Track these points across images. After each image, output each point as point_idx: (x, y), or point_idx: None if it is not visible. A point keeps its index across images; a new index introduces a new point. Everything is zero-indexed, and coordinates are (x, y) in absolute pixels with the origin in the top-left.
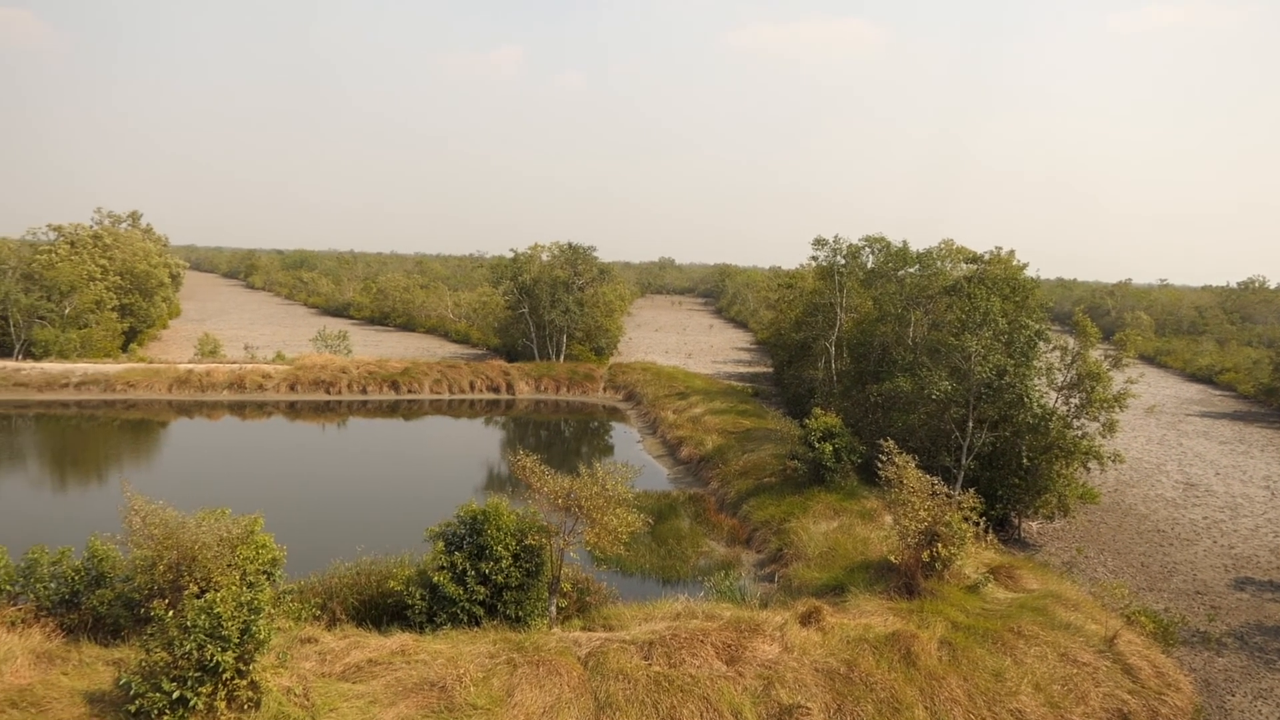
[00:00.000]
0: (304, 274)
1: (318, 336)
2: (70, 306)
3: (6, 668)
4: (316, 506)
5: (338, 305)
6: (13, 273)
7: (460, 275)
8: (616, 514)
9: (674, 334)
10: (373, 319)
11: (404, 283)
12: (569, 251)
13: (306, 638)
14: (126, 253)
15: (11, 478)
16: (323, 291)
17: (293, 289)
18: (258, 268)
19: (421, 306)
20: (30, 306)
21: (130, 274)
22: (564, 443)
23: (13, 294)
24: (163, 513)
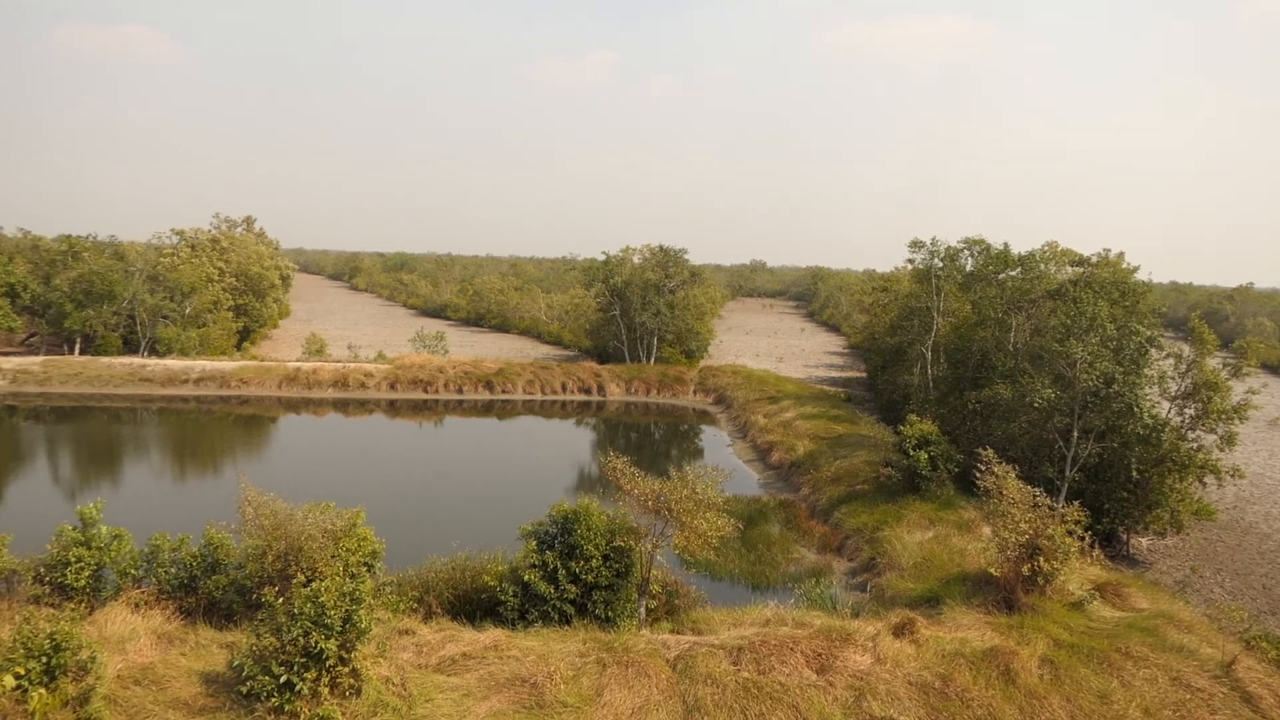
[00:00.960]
0: (404, 276)
1: (416, 337)
2: (190, 307)
3: (131, 647)
4: (414, 502)
5: (435, 306)
6: (140, 274)
7: (553, 277)
8: (706, 518)
9: (765, 337)
10: (469, 320)
11: (499, 285)
12: (660, 254)
13: (404, 629)
14: (241, 255)
15: (136, 468)
16: (421, 293)
17: (393, 290)
18: (361, 270)
19: (515, 308)
20: (155, 306)
21: (245, 276)
22: (654, 445)
23: (140, 294)
24: (273, 504)
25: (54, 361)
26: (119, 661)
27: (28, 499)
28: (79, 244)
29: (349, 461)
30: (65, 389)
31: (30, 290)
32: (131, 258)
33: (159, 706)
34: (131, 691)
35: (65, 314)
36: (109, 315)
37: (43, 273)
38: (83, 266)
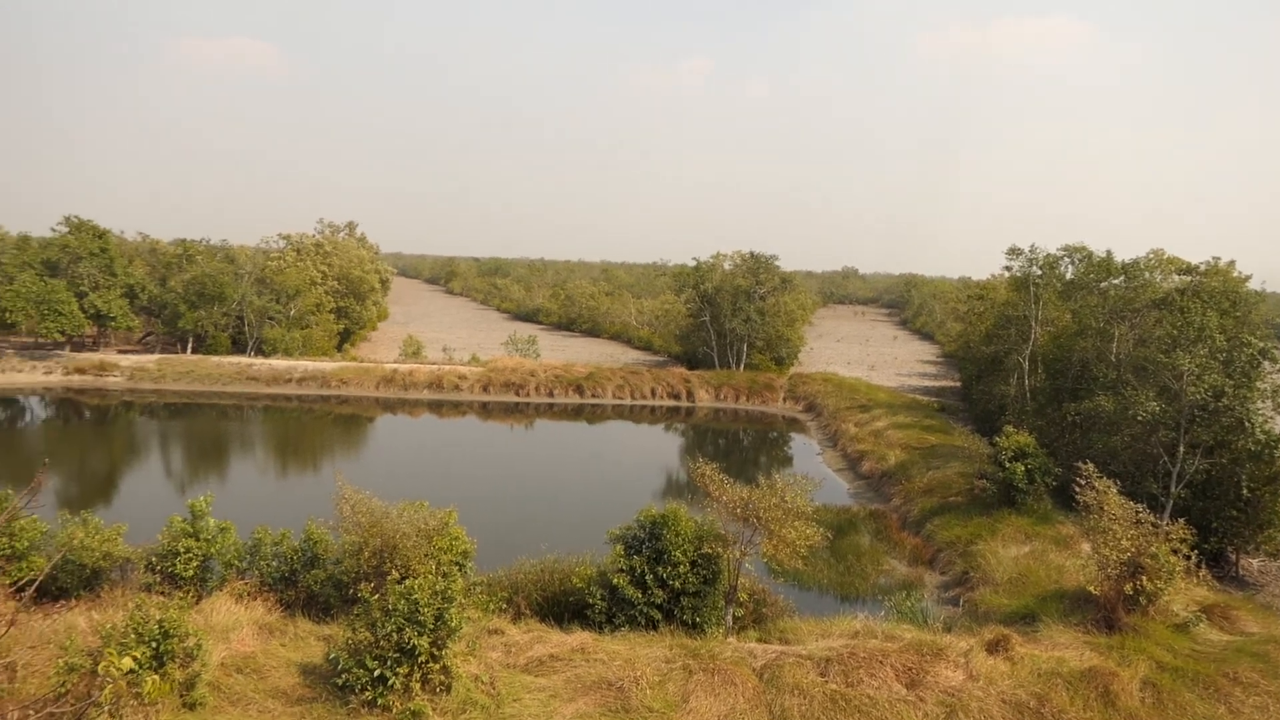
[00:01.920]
0: (498, 280)
1: (509, 340)
2: (295, 309)
3: (234, 636)
4: (504, 503)
5: (528, 310)
6: (248, 277)
7: (644, 283)
8: (795, 527)
9: (856, 345)
10: (560, 324)
11: (590, 290)
12: (751, 260)
13: (493, 629)
14: (343, 260)
15: (241, 463)
16: (514, 297)
17: (487, 294)
18: (456, 274)
19: (606, 313)
20: (262, 308)
21: (346, 279)
22: (742, 452)
23: (248, 296)
24: (369, 502)
25: (168, 359)
26: (223, 650)
27: (142, 490)
28: (193, 247)
29: (442, 462)
30: (177, 386)
31: (148, 291)
32: (241, 261)
33: (259, 695)
34: (234, 679)
35: (179, 314)
36: (219, 316)
37: (159, 275)
38: (196, 269)
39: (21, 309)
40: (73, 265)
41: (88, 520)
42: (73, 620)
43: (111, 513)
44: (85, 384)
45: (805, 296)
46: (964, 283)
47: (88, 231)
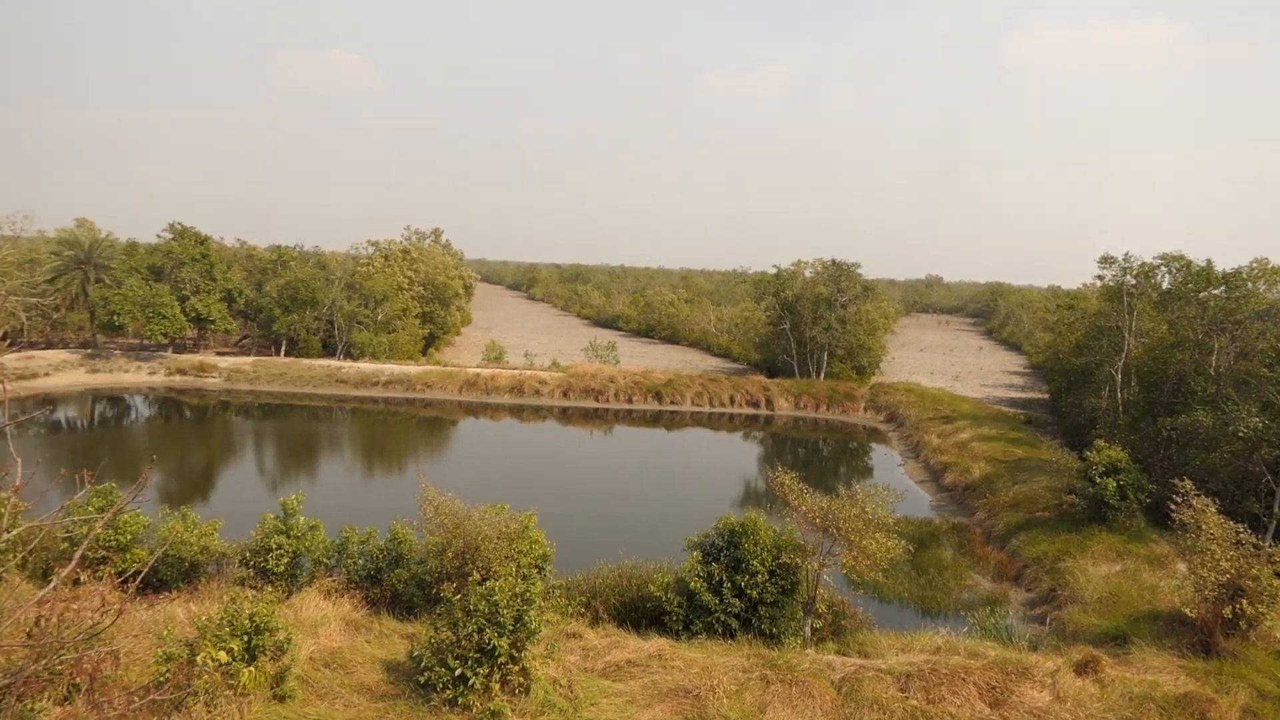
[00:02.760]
0: (578, 287)
1: (589, 346)
2: (382, 313)
3: (322, 631)
4: (582, 508)
5: (608, 317)
6: (339, 282)
7: (723, 290)
8: (876, 538)
9: (940, 355)
10: (639, 331)
11: (669, 297)
12: (832, 268)
13: (571, 632)
14: (429, 265)
15: (330, 463)
16: (594, 304)
17: (568, 301)
18: (538, 280)
19: (685, 320)
20: (351, 312)
21: (431, 285)
22: (821, 462)
23: (338, 301)
24: (452, 504)
25: (262, 362)
26: (311, 644)
27: (237, 487)
28: (287, 253)
29: (522, 465)
30: (271, 387)
31: (245, 296)
32: (332, 267)
33: (345, 690)
34: (321, 673)
35: (274, 318)
36: (311, 320)
37: (256, 280)
38: (290, 274)
39: (129, 312)
40: (176, 270)
41: (186, 515)
42: (172, 611)
43: (209, 508)
44: (186, 384)
45: (887, 305)
46: (1053, 292)
47: (190, 238)
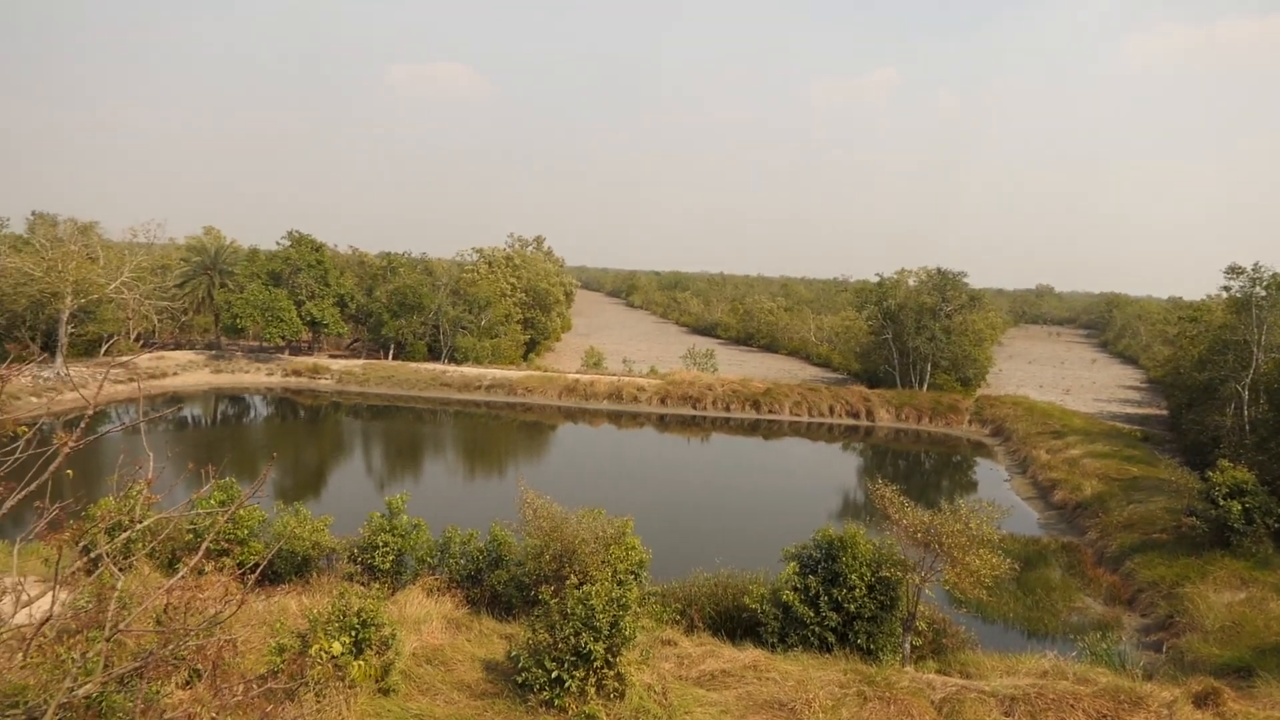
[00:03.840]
0: (677, 294)
1: (687, 354)
2: (485, 319)
3: (424, 628)
4: (678, 515)
5: (706, 324)
6: (444, 288)
7: (824, 299)
8: (980, 555)
9: (1050, 367)
10: (738, 339)
11: (769, 305)
12: (937, 277)
13: (667, 639)
14: (531, 272)
15: (433, 464)
16: (692, 311)
17: (666, 308)
18: (637, 287)
19: (784, 328)
20: (455, 318)
21: (533, 291)
22: (923, 475)
23: (444, 306)
24: (550, 507)
25: (372, 365)
26: (414, 641)
27: (345, 485)
28: (397, 260)
29: (619, 471)
30: (379, 389)
31: (356, 301)
32: (438, 273)
33: (446, 686)
34: (424, 670)
35: (383, 322)
36: (417, 324)
37: (366, 285)
38: (399, 280)
39: (249, 315)
40: (293, 276)
41: (299, 511)
42: (285, 603)
43: (319, 505)
44: (300, 385)
45: (995, 315)
46: (1174, 303)
47: (306, 245)
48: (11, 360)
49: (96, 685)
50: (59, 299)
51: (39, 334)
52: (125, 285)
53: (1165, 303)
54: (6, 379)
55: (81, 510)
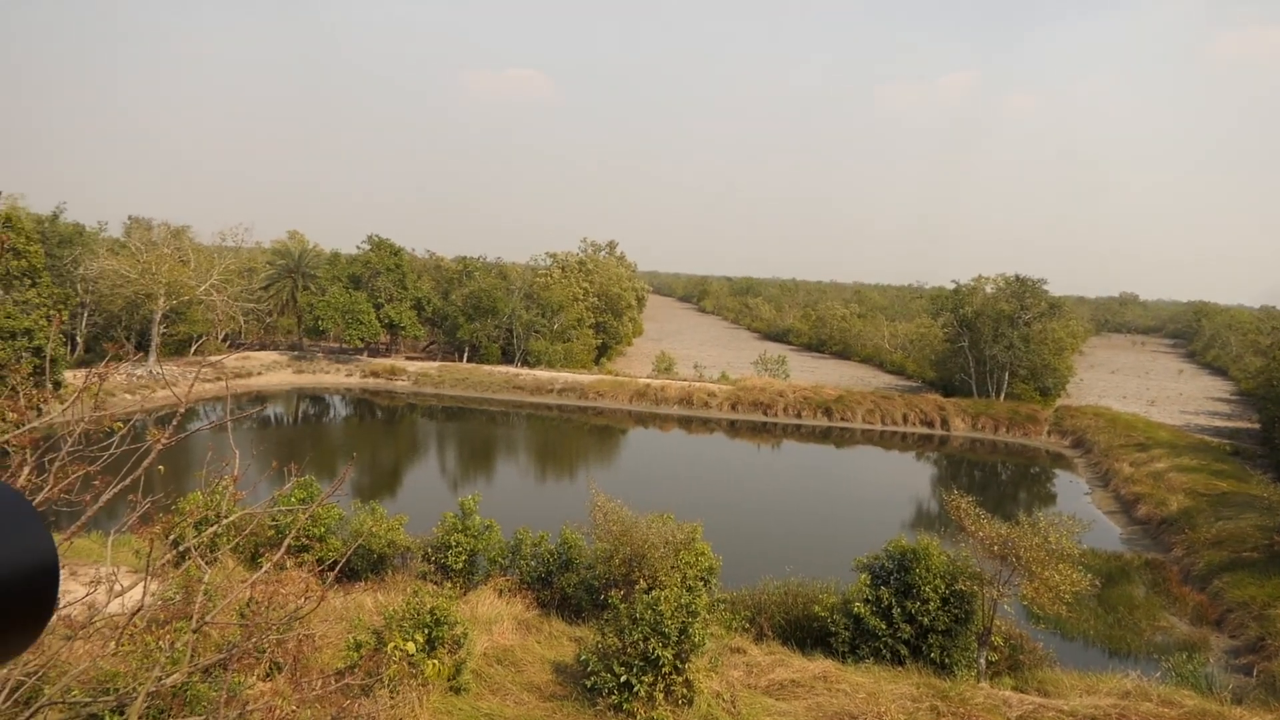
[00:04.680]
0: (749, 300)
1: (758, 360)
2: (558, 323)
3: (495, 629)
4: (748, 522)
5: (778, 331)
6: (518, 292)
7: (898, 305)
8: (1059, 570)
9: (1133, 378)
10: (809, 345)
11: (841, 311)
12: (1015, 284)
13: (736, 647)
14: (603, 277)
15: (505, 465)
16: (764, 317)
17: (738, 314)
18: (708, 293)
19: (858, 335)
20: (529, 322)
21: (605, 296)
22: (999, 486)
23: (517, 310)
24: (620, 511)
25: (447, 367)
26: (485, 641)
27: (420, 485)
28: (472, 264)
29: (689, 476)
30: (454, 391)
31: (432, 304)
32: (512, 277)
33: (516, 687)
34: (494, 669)
35: (458, 325)
36: (491, 328)
37: (442, 289)
38: (474, 284)
39: (330, 318)
40: (372, 279)
41: (375, 510)
42: (361, 600)
43: (395, 504)
44: (378, 386)
45: (1076, 324)
46: (1267, 312)
47: (385, 249)
48: (109, 359)
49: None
50: (152, 300)
51: (133, 334)
52: (214, 287)
53: (1258, 312)
54: (105, 376)
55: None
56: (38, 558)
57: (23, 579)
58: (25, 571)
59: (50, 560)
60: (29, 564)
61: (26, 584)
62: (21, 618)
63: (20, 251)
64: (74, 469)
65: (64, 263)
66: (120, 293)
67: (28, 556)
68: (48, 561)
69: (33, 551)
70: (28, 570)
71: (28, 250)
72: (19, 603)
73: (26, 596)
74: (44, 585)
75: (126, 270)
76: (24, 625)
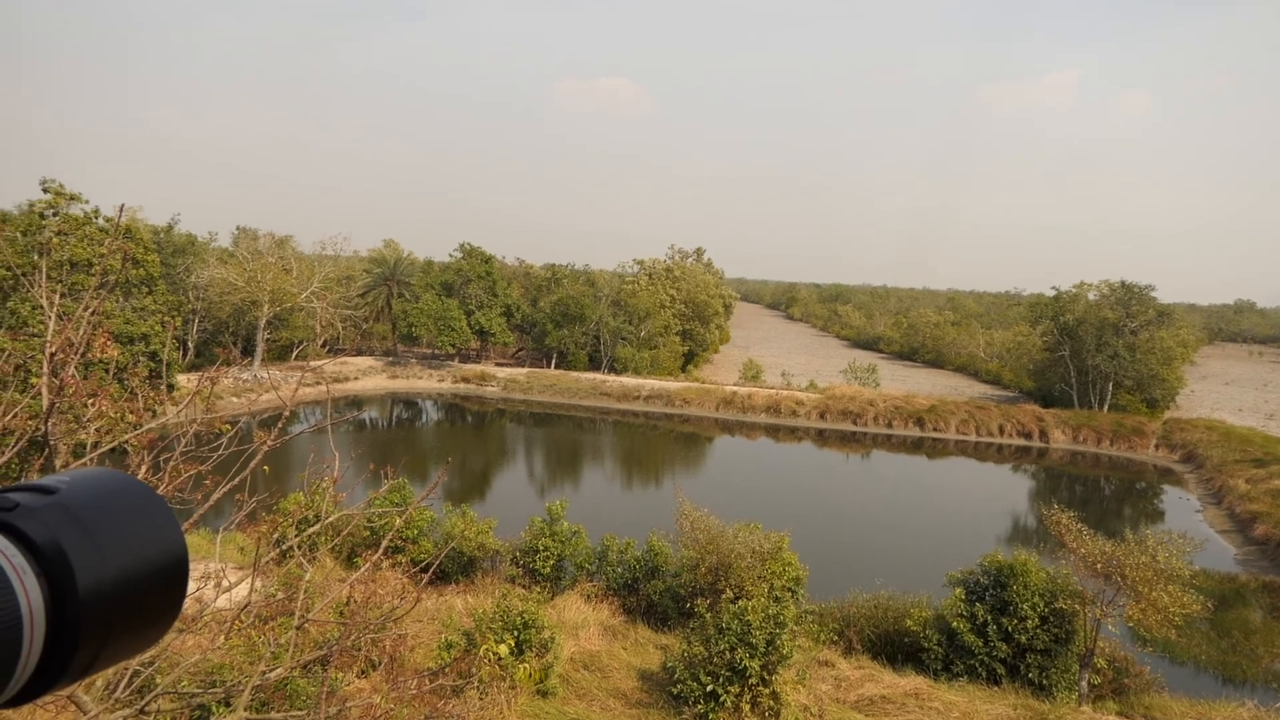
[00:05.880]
0: (838, 307)
1: (848, 368)
2: (645, 330)
3: (582, 634)
4: (837, 532)
5: (868, 338)
6: (606, 299)
7: (994, 312)
8: (1168, 591)
9: (1251, 389)
10: (901, 354)
11: (935, 319)
12: (1121, 290)
13: (823, 660)
14: (690, 284)
15: (592, 471)
16: (854, 324)
17: (826, 321)
18: (797, 300)
19: (951, 343)
20: (616, 328)
21: (692, 303)
22: (1102, 502)
23: (604, 317)
24: (706, 520)
25: (535, 373)
26: (572, 646)
27: (508, 489)
28: (560, 271)
29: (776, 486)
30: (542, 397)
31: (521, 311)
32: (600, 284)
33: (602, 693)
34: (581, 674)
35: (546, 332)
36: (579, 335)
37: (531, 296)
38: (562, 291)
39: (424, 325)
40: (464, 287)
41: (466, 513)
42: (452, 602)
43: (484, 507)
44: (469, 391)
45: (1186, 332)
46: None
47: (476, 257)
48: (219, 364)
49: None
50: (257, 307)
51: (240, 339)
52: (314, 294)
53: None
54: (216, 380)
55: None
56: (172, 552)
57: (160, 571)
58: (163, 564)
59: (181, 554)
60: (166, 558)
61: (163, 576)
62: (159, 608)
63: (139, 261)
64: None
65: (178, 271)
66: (228, 300)
67: (164, 550)
68: (179, 555)
69: (168, 545)
70: (165, 563)
71: (145, 259)
72: (157, 594)
73: (163, 588)
74: (177, 578)
75: (234, 278)
76: (161, 616)
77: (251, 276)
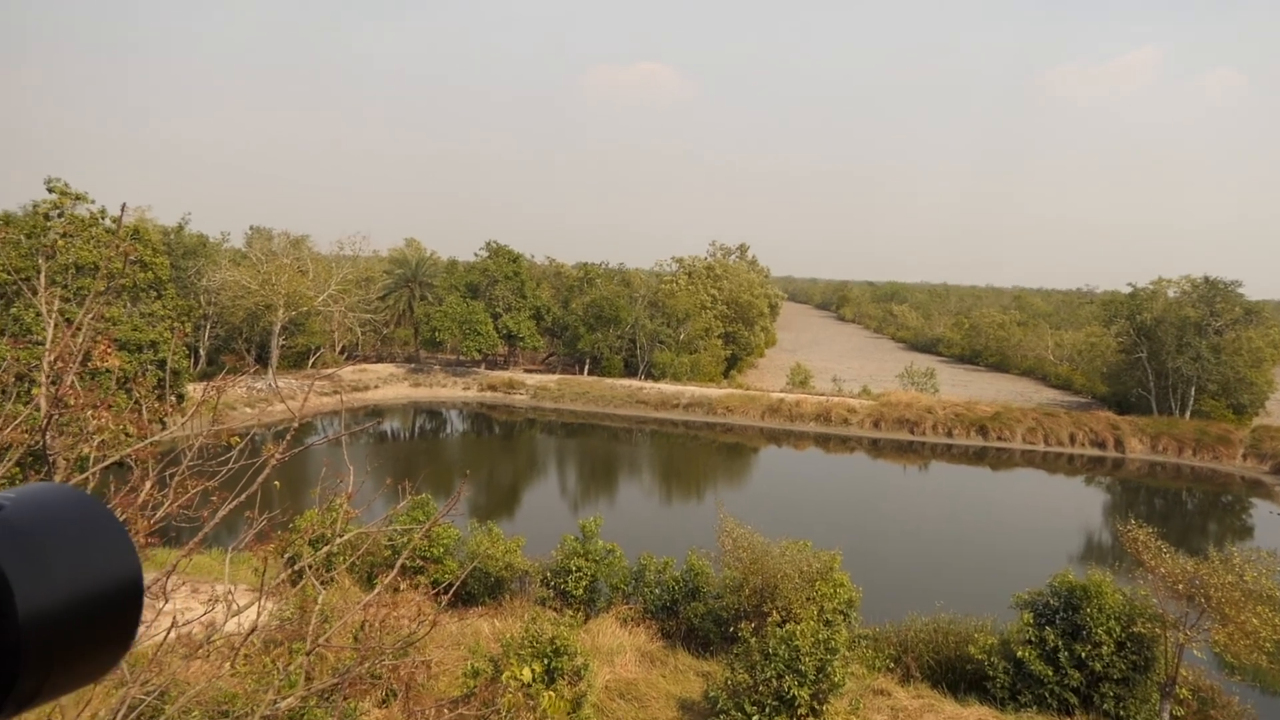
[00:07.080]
0: (893, 307)
1: (904, 373)
2: (684, 333)
3: (618, 660)
4: (892, 551)
5: (926, 340)
6: (642, 300)
7: (1064, 312)
8: (1258, 612)
9: None
10: (962, 356)
11: (999, 319)
12: (1204, 287)
13: (879, 689)
14: (733, 283)
15: (628, 485)
16: (910, 325)
17: (881, 322)
18: (848, 300)
19: (1017, 345)
20: (653, 331)
21: (735, 304)
22: (1184, 516)
23: (641, 320)
24: (751, 538)
25: (567, 380)
26: (607, 673)
27: (538, 505)
28: (594, 271)
29: (826, 500)
30: (574, 406)
31: (552, 313)
32: (636, 284)
33: None
34: (616, 704)
35: (578, 336)
36: (613, 339)
37: (562, 297)
38: (595, 292)
39: (448, 329)
40: (490, 288)
41: (492, 531)
42: (478, 626)
43: (512, 525)
44: (496, 400)
45: (1277, 332)
46: None
47: (504, 256)
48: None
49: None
50: (272, 311)
51: (254, 346)
52: (332, 298)
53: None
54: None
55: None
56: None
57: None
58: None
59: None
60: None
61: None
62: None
63: (147, 263)
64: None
65: (188, 274)
66: (241, 304)
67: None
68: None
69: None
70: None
71: (154, 262)
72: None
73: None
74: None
75: (247, 281)
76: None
77: (266, 279)
